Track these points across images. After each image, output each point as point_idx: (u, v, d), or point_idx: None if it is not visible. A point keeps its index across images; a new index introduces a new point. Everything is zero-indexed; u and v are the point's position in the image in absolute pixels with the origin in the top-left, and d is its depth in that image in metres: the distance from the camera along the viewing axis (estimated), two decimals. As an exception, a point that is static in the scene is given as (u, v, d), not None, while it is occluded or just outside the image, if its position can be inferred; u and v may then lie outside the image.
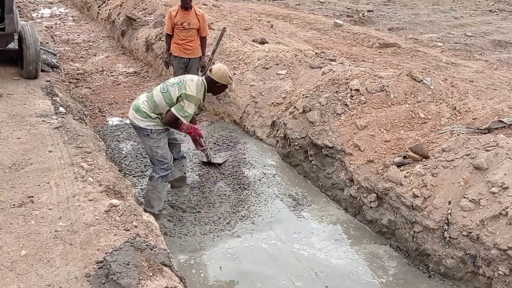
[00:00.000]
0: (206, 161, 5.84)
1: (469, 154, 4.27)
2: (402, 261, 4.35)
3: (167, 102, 4.43)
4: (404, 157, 4.67)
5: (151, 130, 4.51)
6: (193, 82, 4.47)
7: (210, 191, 5.32)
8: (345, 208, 5.13)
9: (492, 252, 3.62)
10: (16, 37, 6.69)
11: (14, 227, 3.40)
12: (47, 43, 8.86)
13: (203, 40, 7.10)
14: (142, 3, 11.96)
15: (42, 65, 6.74)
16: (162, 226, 4.52)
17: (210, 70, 4.55)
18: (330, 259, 4.36)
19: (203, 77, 4.64)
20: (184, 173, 5.27)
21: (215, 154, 6.15)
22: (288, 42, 9.76)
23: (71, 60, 9.98)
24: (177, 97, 4.41)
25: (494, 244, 3.61)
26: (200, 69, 7.20)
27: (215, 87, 4.58)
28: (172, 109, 4.41)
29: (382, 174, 4.71)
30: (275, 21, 13.07)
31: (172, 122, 4.49)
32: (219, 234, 4.61)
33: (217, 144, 6.50)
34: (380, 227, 4.68)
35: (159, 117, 4.51)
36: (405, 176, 4.49)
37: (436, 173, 4.32)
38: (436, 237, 4.06)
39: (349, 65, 7.03)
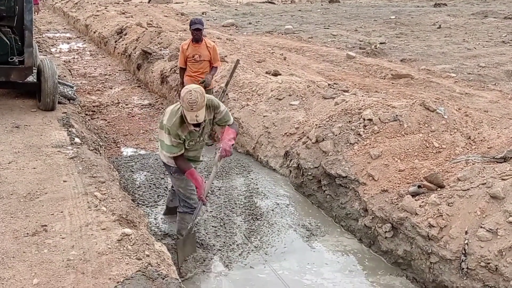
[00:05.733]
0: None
1: (485, 183, 4.20)
2: (419, 293, 4.25)
3: None
4: (419, 186, 4.62)
5: (173, 168, 4.43)
6: (169, 108, 4.17)
7: (223, 221, 5.29)
8: (360, 238, 5.05)
9: (512, 284, 3.52)
10: (34, 70, 6.88)
11: (27, 256, 3.41)
12: (64, 76, 9.08)
13: (213, 68, 7.18)
14: (157, 37, 12.26)
15: (59, 98, 6.90)
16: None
17: None
18: (345, 291, 4.27)
19: None
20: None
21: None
22: (301, 73, 9.86)
23: (88, 93, 10.19)
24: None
25: (514, 275, 3.51)
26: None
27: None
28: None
29: (397, 204, 4.65)
30: (288, 53, 13.27)
31: (175, 163, 4.27)
32: (232, 265, 4.55)
33: (229, 174, 6.51)
34: (395, 258, 4.59)
35: None
36: (420, 206, 4.43)
37: (451, 203, 4.25)
38: (453, 268, 3.96)
39: (362, 95, 7.06)
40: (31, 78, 6.91)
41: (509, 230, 3.77)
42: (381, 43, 15.10)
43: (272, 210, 5.61)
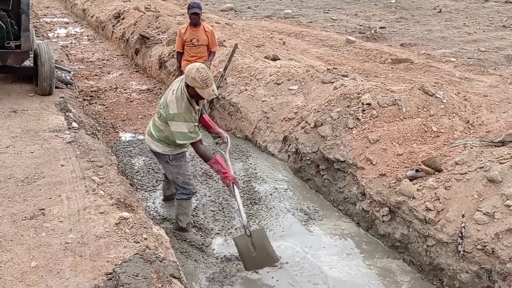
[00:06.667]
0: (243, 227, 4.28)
1: (483, 167, 4.20)
2: (416, 276, 4.27)
3: (166, 125, 4.21)
4: (417, 170, 4.62)
5: (169, 156, 4.42)
6: (173, 96, 4.09)
7: (221, 206, 5.30)
8: (357, 222, 5.07)
9: (508, 266, 3.54)
10: (31, 55, 6.84)
11: (25, 239, 3.42)
12: (62, 61, 9.02)
13: (211, 54, 7.17)
14: (155, 22, 12.16)
15: (56, 82, 6.86)
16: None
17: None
18: (342, 273, 4.29)
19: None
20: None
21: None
22: (300, 58, 9.80)
23: (86, 78, 10.14)
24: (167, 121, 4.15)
25: (510, 258, 3.53)
26: None
27: (189, 90, 4.04)
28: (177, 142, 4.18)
29: (395, 188, 4.66)
30: (287, 38, 13.18)
31: (194, 150, 4.31)
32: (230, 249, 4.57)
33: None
34: (392, 241, 4.61)
35: (172, 142, 4.31)
36: (417, 190, 4.43)
37: (449, 186, 4.25)
38: (450, 251, 3.98)
39: (361, 80, 7.02)
40: (28, 63, 6.87)
41: (506, 213, 3.78)
42: (381, 28, 14.99)
43: (271, 194, 5.62)
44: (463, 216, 3.97)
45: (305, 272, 4.27)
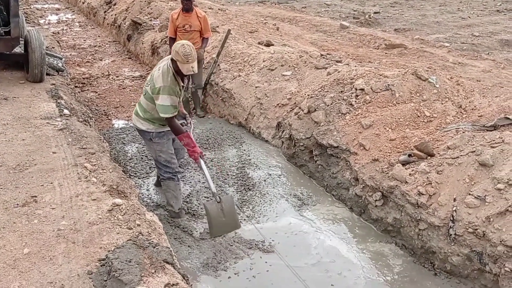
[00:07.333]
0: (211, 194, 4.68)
1: (475, 151, 4.22)
2: (408, 259, 4.31)
3: (151, 103, 4.35)
4: (409, 155, 4.64)
5: (153, 134, 4.51)
6: (159, 72, 4.27)
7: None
8: (350, 207, 5.09)
9: (499, 249, 3.57)
10: (22, 41, 6.76)
11: (17, 226, 3.41)
12: (53, 47, 8.93)
13: (204, 40, 7.12)
14: (147, 7, 12.03)
15: (47, 69, 6.80)
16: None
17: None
18: (335, 258, 4.32)
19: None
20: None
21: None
22: (294, 44, 9.75)
23: (77, 64, 10.05)
24: (153, 95, 4.29)
25: (501, 241, 3.57)
26: None
27: (174, 65, 4.20)
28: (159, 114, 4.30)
29: (387, 173, 4.67)
30: (281, 24, 13.10)
31: (168, 124, 4.39)
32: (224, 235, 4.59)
33: (222, 145, 6.50)
34: (385, 226, 4.64)
35: (157, 121, 4.46)
36: (410, 174, 4.45)
37: (441, 171, 4.27)
38: (441, 234, 4.02)
39: (355, 65, 7.00)
40: (19, 50, 6.79)
41: (497, 196, 3.81)
42: (375, 13, 14.92)
43: (264, 180, 5.63)
44: (454, 200, 4.00)
45: (298, 257, 4.29)
